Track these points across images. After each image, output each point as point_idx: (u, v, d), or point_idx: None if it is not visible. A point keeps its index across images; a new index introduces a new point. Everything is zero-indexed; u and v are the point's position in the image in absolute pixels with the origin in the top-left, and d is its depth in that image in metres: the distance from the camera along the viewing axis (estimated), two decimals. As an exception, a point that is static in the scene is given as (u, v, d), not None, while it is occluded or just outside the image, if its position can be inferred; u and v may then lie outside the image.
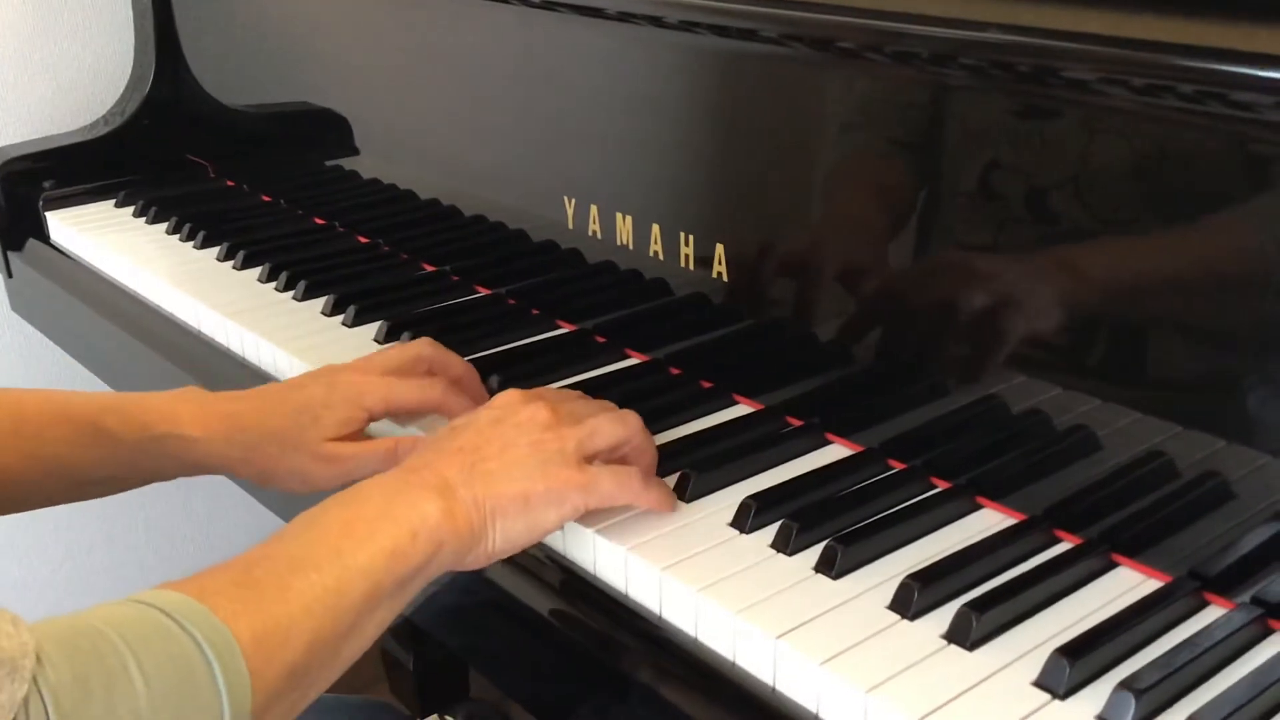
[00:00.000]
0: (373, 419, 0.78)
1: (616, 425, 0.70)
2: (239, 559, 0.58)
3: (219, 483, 1.57)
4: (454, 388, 0.80)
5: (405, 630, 1.46)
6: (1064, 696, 0.56)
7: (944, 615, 0.61)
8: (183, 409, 0.77)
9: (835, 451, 0.78)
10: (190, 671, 0.50)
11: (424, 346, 0.82)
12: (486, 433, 0.68)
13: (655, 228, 0.86)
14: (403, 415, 0.80)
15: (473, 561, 0.65)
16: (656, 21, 0.82)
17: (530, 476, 0.65)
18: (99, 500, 1.54)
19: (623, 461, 0.71)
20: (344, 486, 0.66)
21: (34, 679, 0.46)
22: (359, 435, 0.77)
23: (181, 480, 1.66)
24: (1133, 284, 0.65)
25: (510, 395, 0.71)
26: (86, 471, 0.76)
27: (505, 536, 0.65)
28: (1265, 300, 0.59)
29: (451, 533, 0.63)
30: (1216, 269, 0.62)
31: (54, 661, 0.47)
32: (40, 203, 1.29)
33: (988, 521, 0.70)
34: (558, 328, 0.98)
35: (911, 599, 0.62)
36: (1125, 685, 0.55)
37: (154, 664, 0.49)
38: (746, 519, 0.70)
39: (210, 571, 0.57)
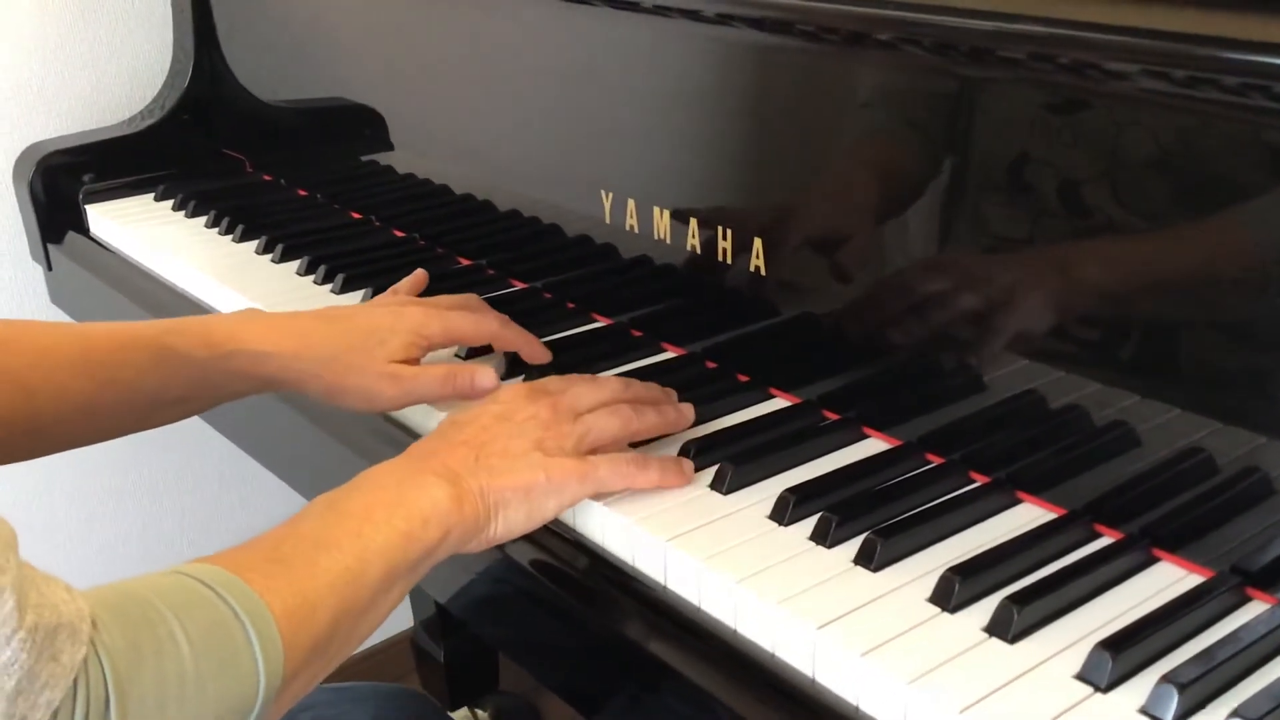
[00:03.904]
0: (432, 347, 0.83)
1: (612, 420, 0.73)
2: (266, 537, 0.61)
3: (253, 476, 1.59)
4: (506, 324, 0.87)
5: (435, 623, 1.48)
6: (1106, 690, 0.56)
7: (985, 608, 0.61)
8: (250, 326, 0.80)
9: (872, 445, 0.78)
10: (230, 639, 0.53)
11: (471, 297, 0.89)
12: (492, 428, 0.71)
13: (692, 221, 0.86)
14: (458, 344, 0.87)
15: (474, 546, 0.69)
16: (693, 15, 0.82)
17: (532, 468, 0.69)
18: (136, 490, 1.56)
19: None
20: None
21: (91, 642, 0.47)
22: (417, 362, 0.82)
23: (216, 473, 1.68)
24: (1171, 279, 0.65)
25: (515, 390, 0.75)
26: (159, 393, 0.78)
27: (506, 524, 0.69)
28: (1308, 295, 0.59)
29: (458, 520, 0.66)
30: (1255, 264, 0.62)
31: (108, 626, 0.48)
32: (80, 196, 1.30)
33: (1028, 516, 0.70)
34: (594, 321, 0.98)
35: (952, 592, 0.62)
36: (1168, 679, 0.55)
37: (198, 631, 0.51)
38: (785, 511, 0.70)
39: (241, 548, 0.59)
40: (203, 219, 1.24)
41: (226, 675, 0.52)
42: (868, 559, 0.66)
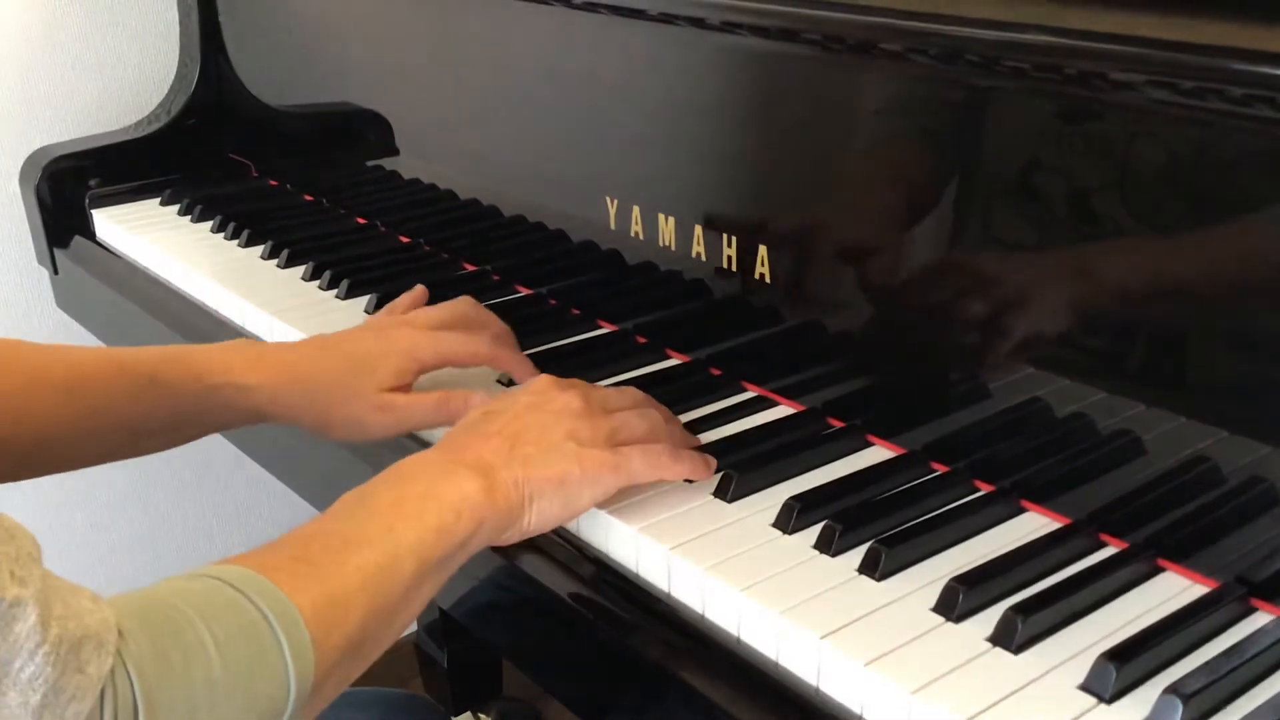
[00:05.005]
0: (423, 371, 0.81)
1: (643, 421, 0.73)
2: (294, 535, 0.60)
3: (256, 481, 1.59)
4: (498, 342, 0.84)
5: (438, 626, 1.47)
6: (1110, 701, 0.56)
7: (989, 618, 0.61)
8: (237, 359, 0.79)
9: (877, 454, 0.78)
10: (259, 643, 0.52)
11: (465, 305, 0.86)
12: (525, 418, 0.70)
13: (698, 229, 0.86)
14: (451, 367, 0.84)
15: (508, 538, 0.68)
16: (698, 23, 0.82)
17: (566, 459, 0.68)
18: (138, 496, 1.56)
19: None
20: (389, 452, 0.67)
21: (118, 652, 0.47)
22: (409, 387, 0.80)
23: (221, 479, 1.68)
24: (1177, 288, 0.65)
25: (545, 381, 0.74)
26: (145, 423, 0.78)
27: (541, 516, 0.68)
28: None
29: (491, 511, 0.65)
30: (1262, 273, 0.62)
31: (135, 635, 0.48)
32: (86, 201, 1.30)
33: (1032, 525, 0.70)
34: (599, 328, 0.98)
35: (956, 601, 0.62)
36: (1172, 690, 0.55)
37: (226, 635, 0.51)
38: (789, 520, 0.70)
39: (269, 547, 0.59)
40: (208, 224, 1.25)
41: (256, 680, 0.51)
42: (872, 568, 0.65)
